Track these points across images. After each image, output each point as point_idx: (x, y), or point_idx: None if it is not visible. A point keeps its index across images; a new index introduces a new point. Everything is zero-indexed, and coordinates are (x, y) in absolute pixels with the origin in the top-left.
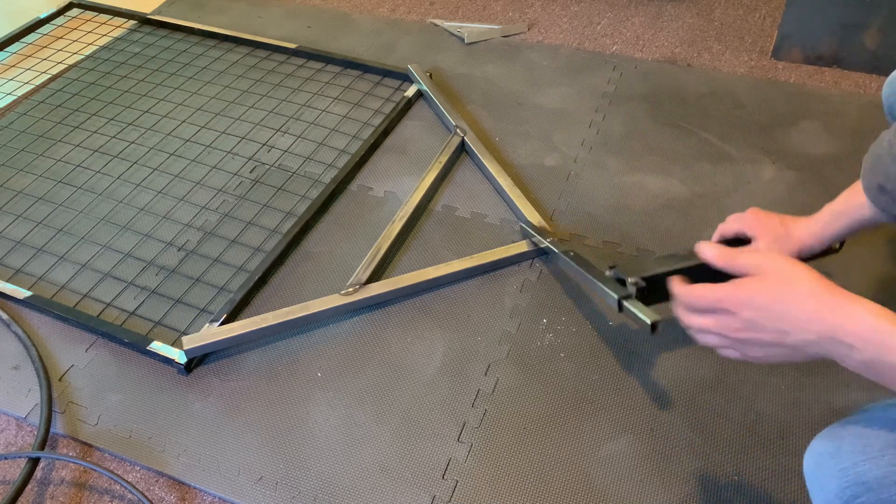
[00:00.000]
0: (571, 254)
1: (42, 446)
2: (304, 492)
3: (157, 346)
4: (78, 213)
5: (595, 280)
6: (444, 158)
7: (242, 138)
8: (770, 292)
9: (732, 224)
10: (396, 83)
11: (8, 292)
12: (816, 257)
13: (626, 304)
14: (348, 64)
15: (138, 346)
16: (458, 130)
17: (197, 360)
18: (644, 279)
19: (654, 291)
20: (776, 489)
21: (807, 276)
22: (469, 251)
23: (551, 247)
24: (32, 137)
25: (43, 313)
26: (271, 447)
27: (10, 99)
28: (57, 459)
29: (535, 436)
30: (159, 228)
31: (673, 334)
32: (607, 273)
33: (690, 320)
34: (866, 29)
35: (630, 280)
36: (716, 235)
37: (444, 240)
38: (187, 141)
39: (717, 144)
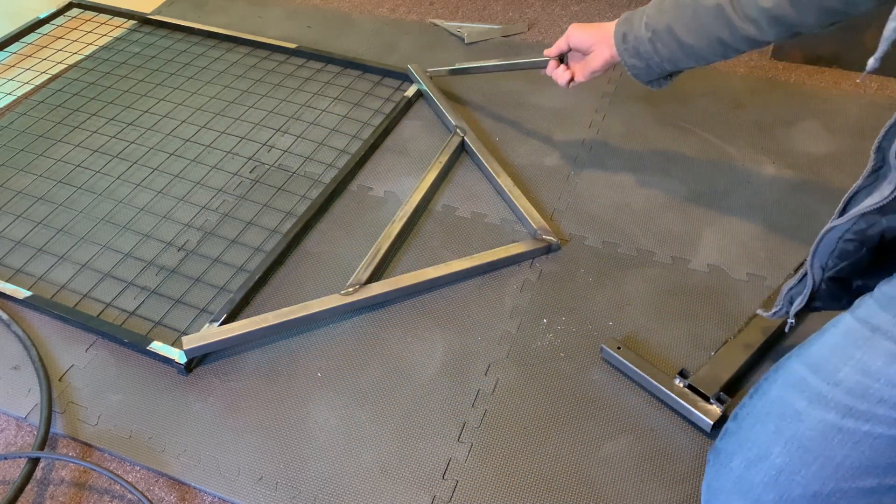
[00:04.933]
0: (619, 347)
1: (42, 446)
2: (304, 492)
3: (157, 346)
4: (78, 213)
5: (678, 399)
6: (444, 158)
7: (242, 138)
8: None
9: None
10: (396, 83)
11: (8, 292)
12: None
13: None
14: (348, 64)
15: (138, 346)
16: (458, 130)
17: (197, 360)
18: (725, 390)
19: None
20: None
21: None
22: (469, 251)
23: (607, 348)
24: (32, 137)
25: (43, 313)
26: (271, 447)
27: (10, 99)
28: (57, 459)
29: (535, 436)
30: (159, 228)
31: (675, 335)
32: (676, 381)
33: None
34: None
35: (712, 397)
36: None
37: (444, 240)
38: (187, 141)
39: (717, 144)
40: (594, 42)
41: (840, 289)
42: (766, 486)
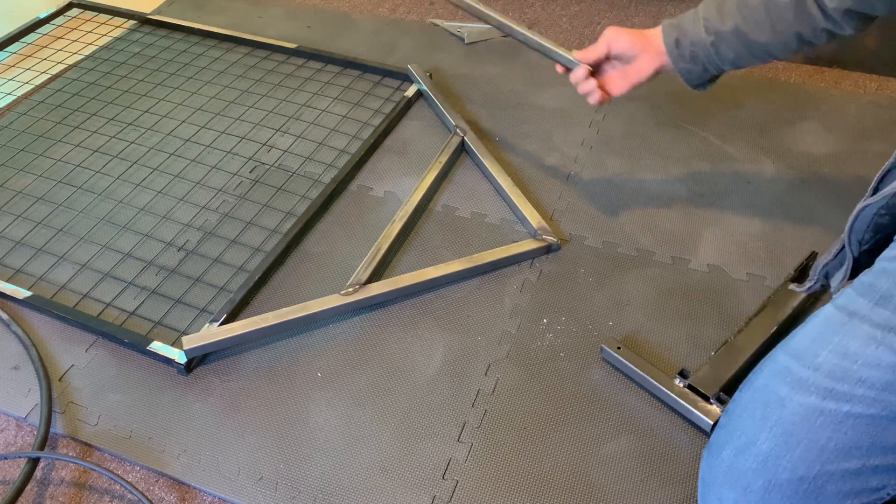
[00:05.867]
0: (619, 347)
1: (42, 446)
2: (304, 492)
3: (157, 346)
4: (78, 213)
5: (678, 399)
6: (444, 158)
7: (242, 138)
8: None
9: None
10: (396, 83)
11: (8, 292)
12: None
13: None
14: (348, 64)
15: (138, 346)
16: (458, 130)
17: (197, 360)
18: (725, 390)
19: None
20: None
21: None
22: (469, 251)
23: (607, 348)
24: (32, 137)
25: (43, 313)
26: (271, 447)
27: (10, 99)
28: (57, 459)
29: (536, 436)
30: (159, 228)
31: (675, 335)
32: (676, 381)
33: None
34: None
35: (712, 396)
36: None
37: (444, 240)
38: (187, 141)
39: (717, 144)
40: (641, 50)
41: (872, 259)
42: (755, 472)
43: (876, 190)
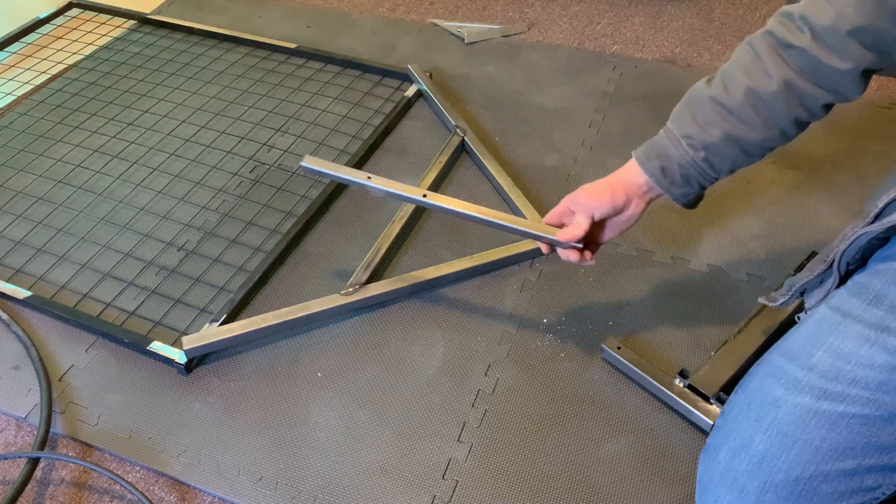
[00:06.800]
0: (619, 347)
1: (42, 446)
2: (304, 492)
3: (157, 346)
4: (78, 213)
5: (678, 399)
6: (444, 158)
7: (242, 138)
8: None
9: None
10: (396, 83)
11: (8, 292)
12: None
13: None
14: (348, 64)
15: (138, 346)
16: (458, 130)
17: (197, 360)
18: (725, 390)
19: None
20: None
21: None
22: (469, 251)
23: (607, 348)
24: (32, 137)
25: (43, 313)
26: (271, 447)
27: (10, 99)
28: (57, 459)
29: (535, 436)
30: (159, 228)
31: (675, 335)
32: (676, 381)
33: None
34: None
35: (712, 397)
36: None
37: (444, 240)
38: (187, 141)
39: None
40: (625, 201)
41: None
42: (750, 473)
43: (878, 216)
